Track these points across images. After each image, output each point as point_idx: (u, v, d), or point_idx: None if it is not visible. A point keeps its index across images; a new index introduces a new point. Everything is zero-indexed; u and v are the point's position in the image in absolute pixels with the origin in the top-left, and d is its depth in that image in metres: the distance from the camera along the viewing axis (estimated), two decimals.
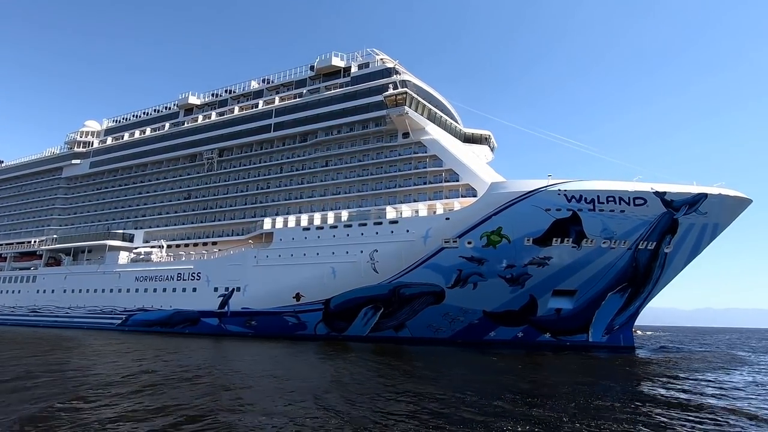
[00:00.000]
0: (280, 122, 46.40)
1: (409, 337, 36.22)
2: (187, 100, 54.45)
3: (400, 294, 35.02)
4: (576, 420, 10.83)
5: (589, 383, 17.49)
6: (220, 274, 41.91)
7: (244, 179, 48.06)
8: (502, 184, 32.72)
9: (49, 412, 10.53)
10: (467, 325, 35.44)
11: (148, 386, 14.29)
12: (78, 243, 53.95)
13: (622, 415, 11.55)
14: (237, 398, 12.90)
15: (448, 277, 33.60)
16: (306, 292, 37.44)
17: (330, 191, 42.59)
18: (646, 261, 33.38)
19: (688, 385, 17.81)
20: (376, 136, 41.70)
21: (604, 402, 13.32)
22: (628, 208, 31.43)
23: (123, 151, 57.75)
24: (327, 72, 46.05)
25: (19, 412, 10.43)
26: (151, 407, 11.19)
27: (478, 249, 32.63)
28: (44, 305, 53.85)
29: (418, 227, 34.18)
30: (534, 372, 22.01)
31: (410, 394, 13.87)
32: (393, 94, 37.86)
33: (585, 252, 32.29)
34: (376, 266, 35.16)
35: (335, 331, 37.66)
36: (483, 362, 25.46)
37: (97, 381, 15.22)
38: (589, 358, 29.09)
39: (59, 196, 62.46)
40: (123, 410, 10.89)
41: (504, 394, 14.14)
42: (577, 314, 34.69)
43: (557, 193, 31.26)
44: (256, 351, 28.51)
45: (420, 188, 38.37)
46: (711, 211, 32.26)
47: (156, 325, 44.57)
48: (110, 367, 19.36)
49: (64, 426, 9.43)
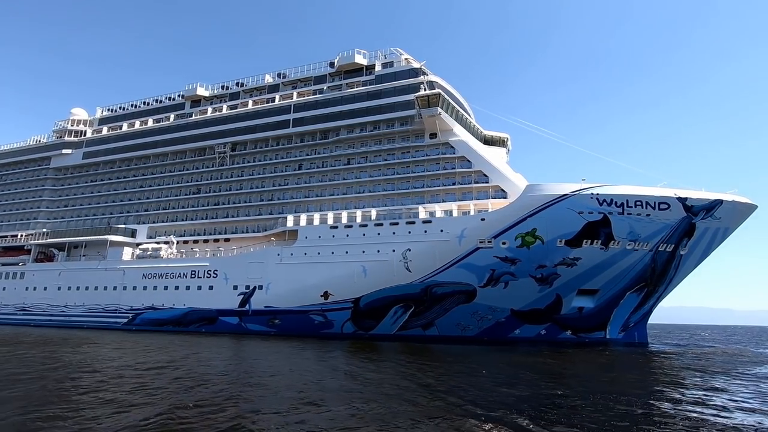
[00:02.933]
0: (299, 118, 45.68)
1: (436, 336, 36.77)
2: (194, 91, 52.52)
3: (432, 293, 35.49)
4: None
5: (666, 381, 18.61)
6: (240, 271, 40.95)
7: (259, 175, 47.03)
8: (537, 186, 33.75)
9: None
10: (494, 324, 36.37)
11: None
12: (74, 238, 51.11)
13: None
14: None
15: (481, 276, 34.38)
16: (334, 290, 37.25)
17: (354, 190, 42.42)
18: (664, 262, 35.41)
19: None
20: (402, 136, 41.89)
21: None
22: (654, 212, 33.23)
23: (122, 142, 55.01)
24: (348, 69, 45.74)
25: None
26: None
27: (512, 249, 33.58)
28: (35, 303, 50.68)
29: (453, 227, 34.73)
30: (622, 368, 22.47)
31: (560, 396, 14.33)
32: (425, 95, 38.19)
33: (611, 253, 33.88)
34: (409, 265, 35.46)
35: (362, 330, 37.69)
36: (558, 359, 25.36)
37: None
38: (625, 354, 30.44)
39: (47, 187, 58.78)
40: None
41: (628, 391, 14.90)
42: (598, 312, 36.37)
43: (590, 196, 32.64)
44: (295, 351, 27.96)
45: (448, 189, 38.92)
46: (724, 216, 34.60)
47: (168, 324, 42.99)
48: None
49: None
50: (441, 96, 37.95)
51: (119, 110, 59.13)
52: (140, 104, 57.94)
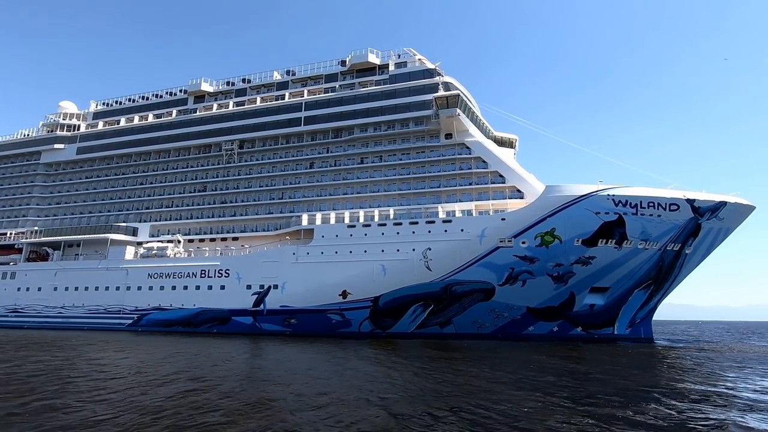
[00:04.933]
0: (311, 116, 45.34)
1: (452, 333, 37.34)
2: (199, 86, 51.33)
3: (451, 291, 36.00)
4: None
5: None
6: (254, 270, 40.40)
7: (268, 173, 46.43)
8: (556, 187, 34.71)
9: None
10: (509, 321, 37.22)
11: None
12: (71, 236, 49.15)
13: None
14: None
15: (501, 274, 35.13)
16: (353, 289, 37.27)
17: (368, 189, 42.47)
18: (671, 261, 37.04)
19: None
20: (417, 136, 42.21)
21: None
22: (664, 213, 34.72)
23: (121, 137, 53.21)
24: (361, 68, 45.71)
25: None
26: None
27: (531, 249, 34.44)
28: (29, 304, 48.48)
29: (474, 227, 35.32)
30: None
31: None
32: (445, 96, 38.64)
33: (624, 252, 35.21)
34: (429, 264, 35.85)
35: (380, 329, 37.86)
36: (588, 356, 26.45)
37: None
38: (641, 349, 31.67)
39: (37, 183, 56.25)
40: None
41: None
42: (608, 309, 37.71)
43: (607, 197, 33.84)
44: (326, 351, 27.87)
45: (465, 189, 39.51)
46: (727, 217, 36.47)
47: (177, 324, 41.99)
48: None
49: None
50: (460, 97, 38.48)
51: (115, 104, 57.13)
52: (138, 99, 56.16)
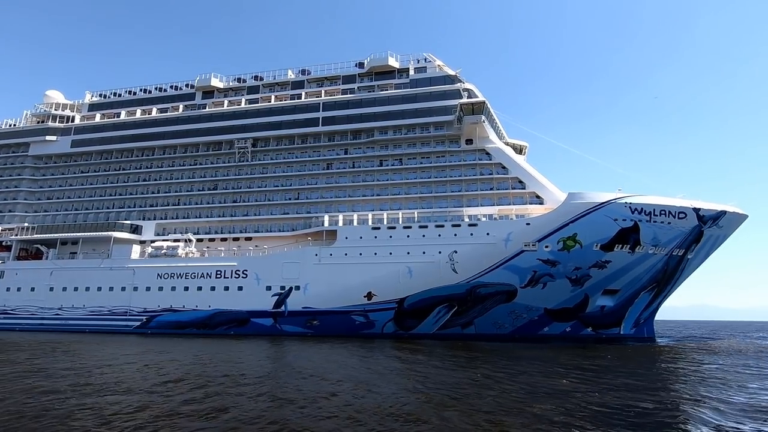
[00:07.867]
0: (330, 117, 45.24)
1: (473, 334, 38.40)
2: (208, 81, 49.96)
3: (476, 293, 37.04)
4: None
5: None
6: (274, 271, 39.90)
7: (284, 173, 45.92)
8: (578, 195, 36.42)
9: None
10: (527, 321, 38.70)
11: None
12: (70, 234, 46.66)
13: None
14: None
15: (524, 277, 36.50)
16: (378, 291, 37.61)
17: (388, 191, 42.88)
18: (675, 265, 39.68)
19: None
20: (437, 140, 43.03)
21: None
22: (674, 220, 37.18)
23: (122, 131, 50.98)
24: (379, 71, 46.03)
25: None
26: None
27: (554, 252, 36.00)
28: (20, 306, 45.62)
29: (500, 231, 36.49)
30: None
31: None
32: (470, 103, 39.64)
33: (636, 257, 37.42)
34: (455, 266, 36.72)
35: (403, 330, 38.39)
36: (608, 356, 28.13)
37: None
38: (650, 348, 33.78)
39: (25, 177, 53.00)
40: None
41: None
42: (616, 310, 39.95)
43: (624, 205, 35.89)
44: (366, 354, 28.11)
45: (485, 193, 40.66)
46: (725, 225, 39.46)
47: (190, 326, 40.79)
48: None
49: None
50: (485, 105, 39.61)
51: (113, 96, 54.62)
52: (138, 91, 53.98)
